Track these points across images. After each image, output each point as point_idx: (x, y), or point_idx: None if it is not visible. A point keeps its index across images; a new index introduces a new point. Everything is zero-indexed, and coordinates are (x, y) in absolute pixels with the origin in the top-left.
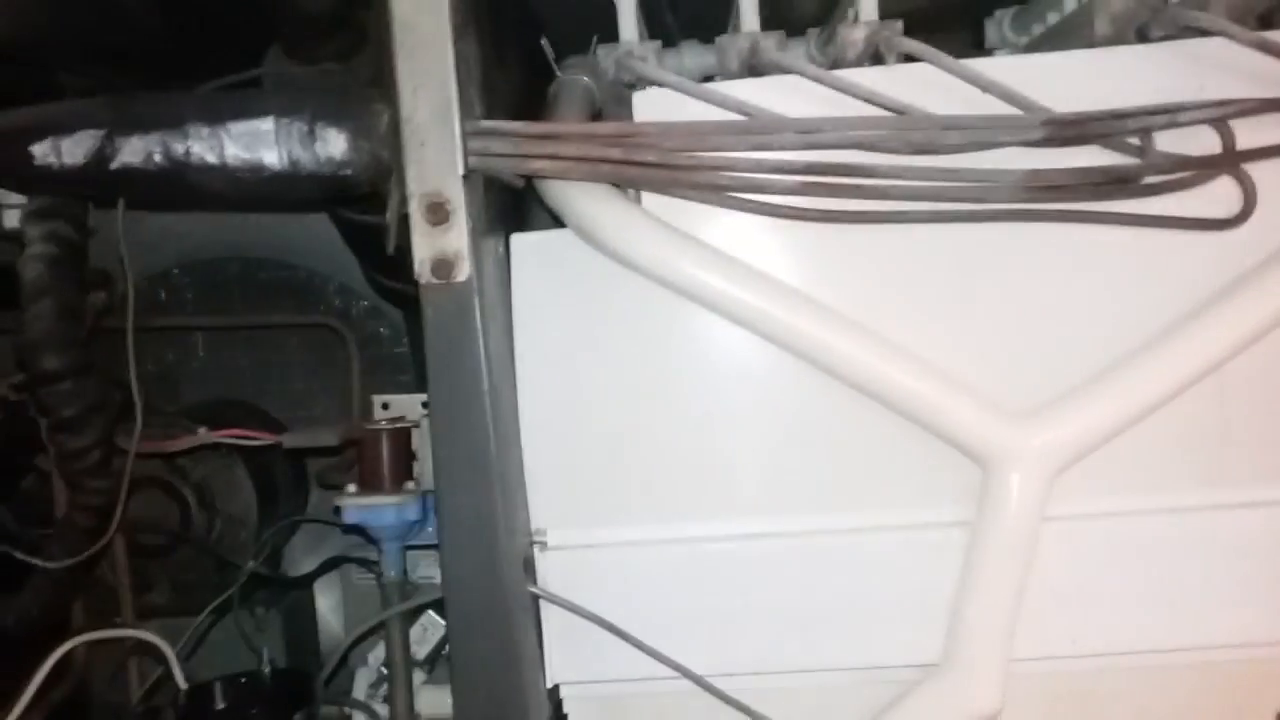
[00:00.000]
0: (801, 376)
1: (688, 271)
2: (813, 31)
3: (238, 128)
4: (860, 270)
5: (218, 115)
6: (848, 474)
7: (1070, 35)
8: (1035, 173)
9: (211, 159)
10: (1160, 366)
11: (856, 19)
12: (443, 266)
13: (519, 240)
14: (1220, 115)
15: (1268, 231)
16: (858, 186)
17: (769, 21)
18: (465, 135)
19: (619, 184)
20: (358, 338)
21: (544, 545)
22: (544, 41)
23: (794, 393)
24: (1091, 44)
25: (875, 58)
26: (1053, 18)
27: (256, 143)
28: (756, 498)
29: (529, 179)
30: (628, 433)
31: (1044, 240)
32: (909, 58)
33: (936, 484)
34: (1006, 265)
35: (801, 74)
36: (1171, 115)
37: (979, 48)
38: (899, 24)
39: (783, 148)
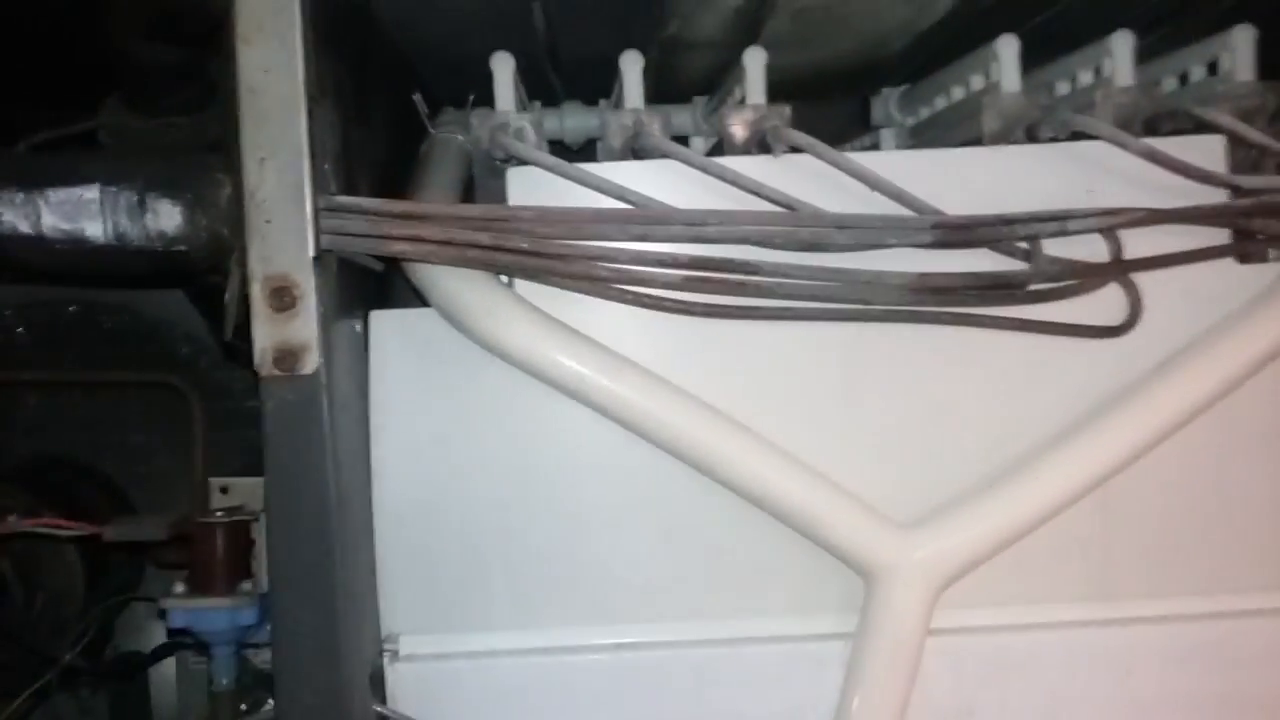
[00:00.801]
0: (679, 477)
1: (559, 362)
2: (699, 100)
3: (57, 195)
4: (745, 368)
5: (35, 179)
6: (726, 581)
7: (957, 125)
8: (923, 276)
9: (26, 229)
10: (1048, 479)
11: (743, 101)
12: (287, 357)
13: (379, 318)
14: (1108, 225)
15: (1154, 340)
16: (743, 283)
17: (654, 85)
18: (317, 212)
19: (488, 270)
20: (205, 393)
21: (395, 655)
22: (417, 97)
23: (671, 494)
24: (979, 137)
25: (764, 143)
26: (940, 102)
27: (78, 213)
28: (630, 605)
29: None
30: (492, 532)
31: (932, 343)
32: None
33: (818, 594)
34: (895, 368)
35: (687, 162)
36: (1060, 223)
37: (865, 121)
38: (786, 111)
39: (667, 240)
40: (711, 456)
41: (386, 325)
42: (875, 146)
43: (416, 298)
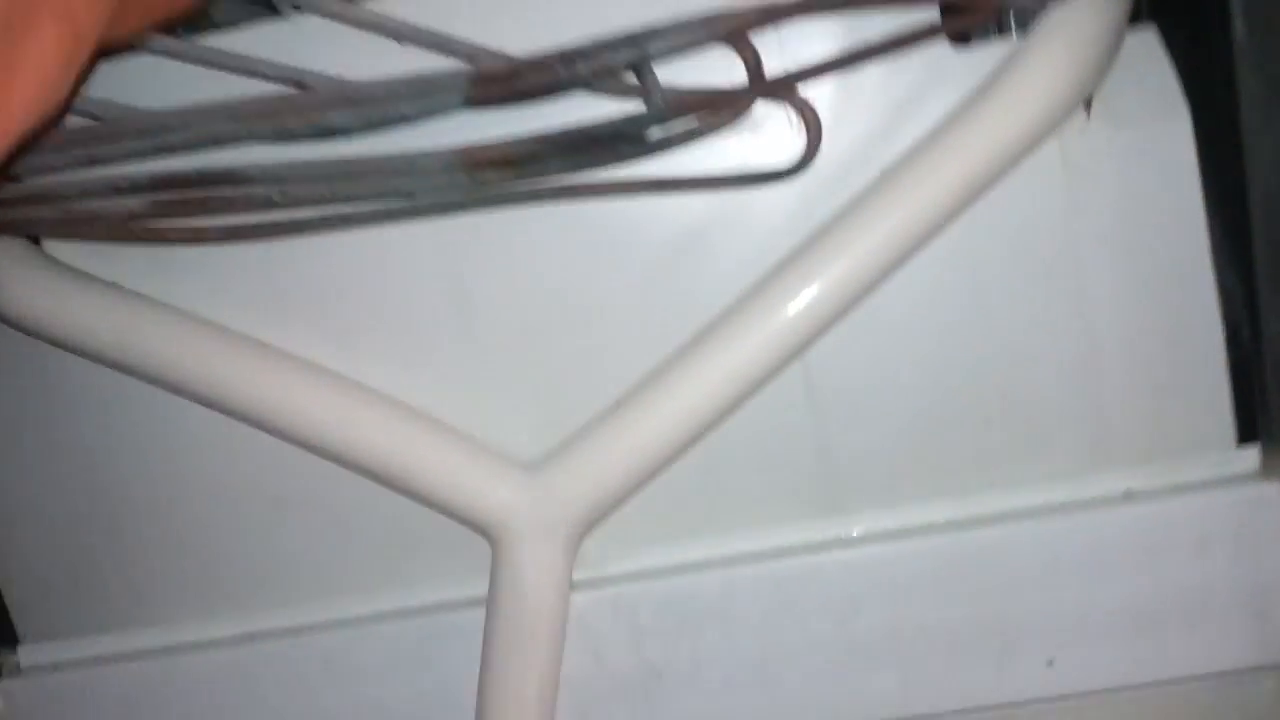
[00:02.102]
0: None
1: (77, 324)
2: None
3: None
4: (305, 293)
5: None
6: (355, 551)
7: None
8: (469, 151)
9: None
10: (705, 375)
11: None
12: None
13: None
14: (706, 37)
15: (854, 170)
16: (229, 200)
17: None
18: None
19: None
20: None
21: (15, 669)
22: None
23: (276, 460)
24: None
25: None
26: None
27: None
28: (250, 591)
29: None
30: (97, 523)
31: (537, 227)
32: None
33: (459, 554)
34: (499, 263)
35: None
36: (637, 48)
37: None
38: None
39: (125, 159)
40: (268, 411)
41: None
42: None
43: None
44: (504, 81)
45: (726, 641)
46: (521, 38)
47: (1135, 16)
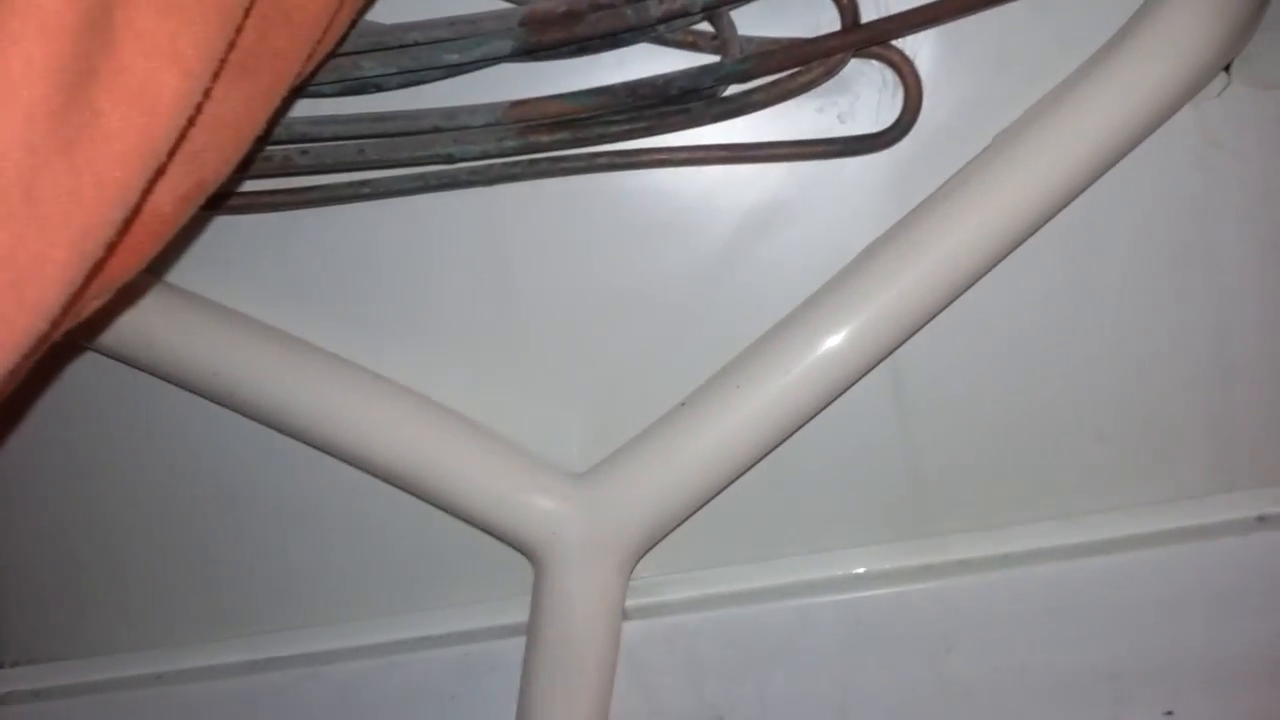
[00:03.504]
0: (303, 449)
1: None
2: None
3: None
4: (326, 272)
5: None
6: (373, 571)
7: None
8: (520, 105)
9: None
10: (787, 373)
11: None
12: None
13: None
14: None
15: (944, 140)
16: (243, 162)
17: None
18: None
19: None
20: None
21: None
22: None
23: (283, 461)
24: None
25: None
26: None
27: None
28: (263, 614)
29: None
30: (90, 540)
31: (602, 200)
32: None
33: (491, 574)
34: (548, 243)
35: None
36: None
37: None
38: None
39: None
40: (283, 407)
41: None
42: None
43: None
44: (562, 24)
45: (798, 682)
46: None
47: None
